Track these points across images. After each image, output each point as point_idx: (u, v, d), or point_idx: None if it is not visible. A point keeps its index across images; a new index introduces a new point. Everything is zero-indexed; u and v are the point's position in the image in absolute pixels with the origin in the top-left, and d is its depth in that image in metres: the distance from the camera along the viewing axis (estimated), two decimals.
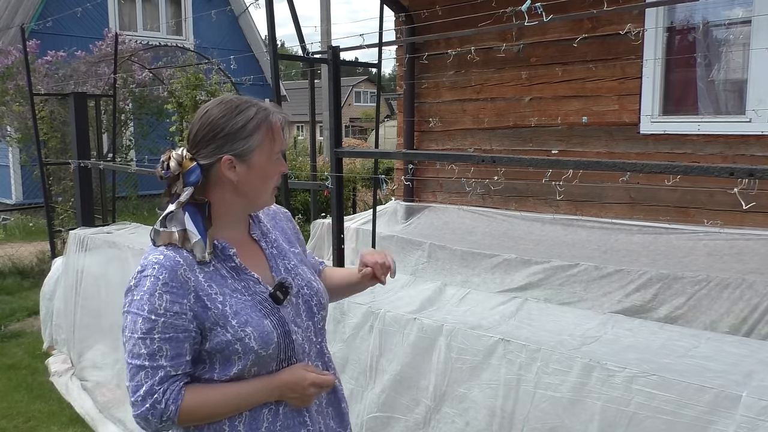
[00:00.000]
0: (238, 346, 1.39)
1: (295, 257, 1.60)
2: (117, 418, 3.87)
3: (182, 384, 1.40)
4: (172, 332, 1.36)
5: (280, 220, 1.68)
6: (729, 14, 4.60)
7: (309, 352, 1.54)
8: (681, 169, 2.40)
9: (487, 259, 4.28)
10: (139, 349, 1.36)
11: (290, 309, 1.50)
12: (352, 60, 6.86)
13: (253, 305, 1.44)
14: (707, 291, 3.55)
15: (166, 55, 10.98)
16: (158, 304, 1.36)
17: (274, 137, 1.46)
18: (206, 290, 1.40)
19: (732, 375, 1.85)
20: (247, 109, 1.44)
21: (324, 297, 1.61)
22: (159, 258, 1.39)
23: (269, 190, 1.51)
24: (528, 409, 2.09)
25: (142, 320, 1.36)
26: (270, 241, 1.58)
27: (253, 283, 1.47)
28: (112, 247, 4.45)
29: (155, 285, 1.36)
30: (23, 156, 10.85)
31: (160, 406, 1.36)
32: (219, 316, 1.40)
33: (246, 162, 1.44)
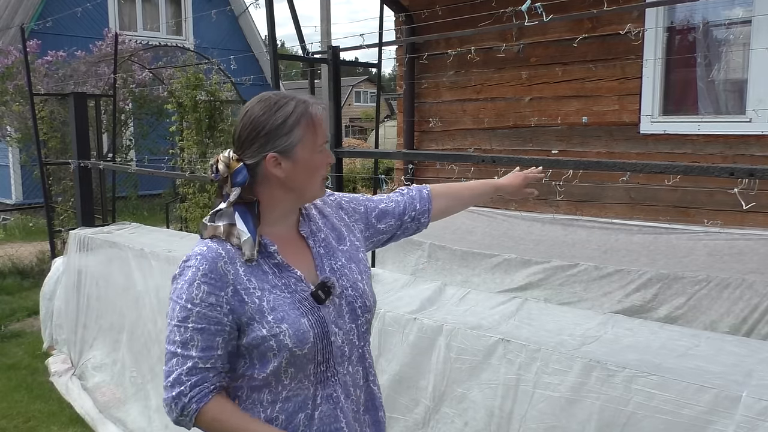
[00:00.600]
0: (272, 342, 1.38)
1: (343, 255, 1.56)
2: (117, 418, 3.87)
3: (213, 387, 1.40)
4: (205, 323, 1.38)
5: (329, 215, 1.63)
6: (729, 14, 4.60)
7: (350, 355, 1.51)
8: (681, 169, 2.40)
9: (487, 259, 4.28)
10: (174, 336, 1.39)
11: (332, 309, 1.47)
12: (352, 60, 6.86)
13: (292, 303, 1.42)
14: (707, 291, 3.55)
15: (166, 55, 10.98)
16: (195, 294, 1.38)
17: (315, 129, 1.46)
18: (245, 284, 1.41)
19: (732, 375, 1.85)
20: (286, 104, 1.45)
21: (370, 299, 1.56)
22: (202, 249, 1.42)
23: (317, 182, 1.50)
24: (526, 408, 2.09)
25: (179, 308, 1.39)
26: (318, 240, 1.55)
27: (295, 281, 1.45)
28: (113, 247, 4.45)
29: (195, 275, 1.39)
30: (23, 156, 10.85)
31: (184, 399, 1.38)
32: (256, 310, 1.39)
33: (290, 157, 1.44)
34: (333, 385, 1.47)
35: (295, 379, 1.43)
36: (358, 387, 1.53)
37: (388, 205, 1.75)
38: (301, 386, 1.44)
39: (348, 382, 1.50)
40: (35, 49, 9.21)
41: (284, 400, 1.43)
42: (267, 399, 1.44)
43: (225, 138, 8.16)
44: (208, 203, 7.91)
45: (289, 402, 1.43)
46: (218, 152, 1.51)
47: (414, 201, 1.78)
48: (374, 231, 1.72)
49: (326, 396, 1.46)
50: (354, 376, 1.52)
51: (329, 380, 1.46)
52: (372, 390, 1.58)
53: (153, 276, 3.93)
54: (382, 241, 1.77)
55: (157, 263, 3.91)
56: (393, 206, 1.75)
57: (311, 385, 1.44)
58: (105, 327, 4.43)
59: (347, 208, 1.68)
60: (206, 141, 8.08)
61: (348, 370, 1.50)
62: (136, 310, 4.03)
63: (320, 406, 1.45)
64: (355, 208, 1.70)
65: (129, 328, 4.11)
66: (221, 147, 8.08)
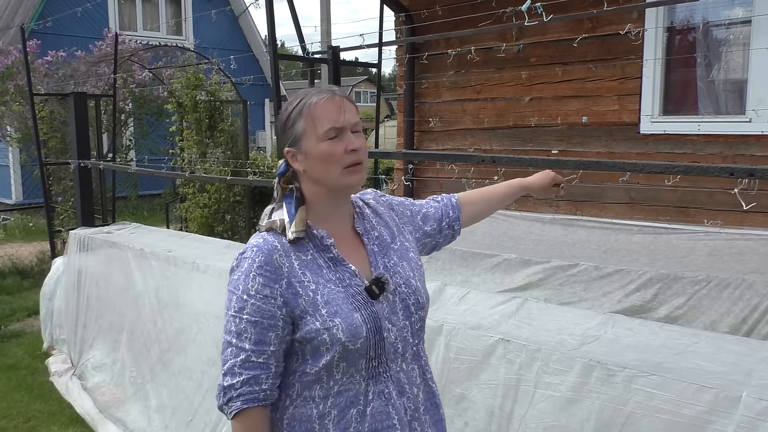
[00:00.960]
0: (325, 336, 1.40)
1: (395, 254, 1.58)
2: (117, 418, 3.87)
3: (263, 395, 1.41)
4: (258, 317, 1.40)
5: (382, 214, 1.65)
6: (729, 14, 4.60)
7: (403, 353, 1.51)
8: (681, 169, 2.40)
9: (487, 259, 4.27)
10: (230, 326, 1.42)
11: (385, 306, 1.48)
12: (352, 60, 6.86)
13: (346, 297, 1.44)
14: (707, 291, 3.54)
15: (166, 55, 10.98)
16: (251, 286, 1.41)
17: (313, 118, 1.46)
18: (299, 277, 1.43)
19: (732, 375, 1.85)
20: (294, 100, 1.50)
21: (423, 296, 1.57)
22: (258, 242, 1.46)
23: (336, 170, 1.46)
24: (526, 408, 2.09)
25: (236, 299, 1.42)
26: (372, 238, 1.57)
27: (350, 276, 1.47)
28: (113, 247, 4.45)
29: (251, 267, 1.42)
30: (23, 156, 10.85)
31: (233, 392, 1.40)
32: (309, 303, 1.41)
33: (300, 150, 1.48)
34: (385, 381, 1.47)
35: (347, 374, 1.44)
36: (414, 385, 1.53)
37: (429, 209, 1.80)
38: (353, 381, 1.44)
39: (402, 380, 1.50)
40: (35, 49, 9.21)
41: (336, 395, 1.44)
42: (319, 395, 1.45)
43: (225, 138, 8.17)
44: (207, 203, 7.92)
45: (341, 397, 1.44)
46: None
47: (447, 208, 1.83)
48: (422, 233, 1.76)
49: (378, 392, 1.46)
50: (409, 374, 1.52)
51: (381, 376, 1.47)
52: (431, 388, 1.58)
53: (153, 276, 3.93)
54: (427, 246, 1.80)
55: (157, 263, 3.91)
56: (433, 211, 1.80)
57: (363, 381, 1.45)
58: (105, 327, 4.43)
59: (397, 210, 1.72)
60: (206, 141, 8.08)
61: (402, 367, 1.50)
62: (135, 310, 4.03)
63: (372, 402, 1.45)
64: (403, 210, 1.74)
65: (129, 328, 4.11)
66: (221, 147, 8.09)
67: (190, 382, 3.45)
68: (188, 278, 3.64)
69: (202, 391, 3.33)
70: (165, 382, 3.67)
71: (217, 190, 7.86)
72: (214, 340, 3.29)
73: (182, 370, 3.54)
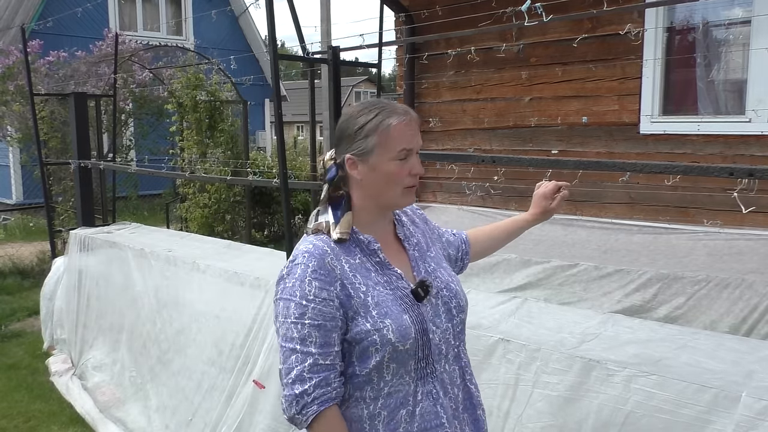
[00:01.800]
0: (376, 336, 1.42)
1: (432, 260, 1.64)
2: (117, 418, 3.87)
3: (335, 393, 1.42)
4: (321, 320, 1.42)
5: (418, 224, 1.72)
6: (729, 14, 4.60)
7: (446, 354, 1.55)
8: (681, 169, 2.40)
9: (487, 259, 4.28)
10: (292, 333, 1.42)
11: (429, 308, 1.52)
12: (352, 60, 6.86)
13: (394, 299, 1.47)
14: (707, 291, 3.55)
15: (166, 55, 10.98)
16: (308, 290, 1.42)
17: (389, 139, 1.49)
18: (351, 279, 1.46)
19: (731, 375, 1.85)
20: (370, 111, 1.51)
21: (463, 299, 1.61)
22: (308, 247, 1.47)
23: (396, 190, 1.52)
24: (523, 408, 2.09)
25: (294, 305, 1.42)
26: (412, 244, 1.63)
27: (396, 279, 1.51)
28: (113, 247, 4.45)
29: (305, 272, 1.44)
30: (23, 156, 10.85)
31: (307, 398, 1.40)
32: (361, 305, 1.44)
33: (366, 162, 1.50)
34: (432, 381, 1.50)
35: (396, 374, 1.46)
36: (455, 386, 1.57)
37: (449, 237, 1.87)
38: (402, 382, 1.47)
39: (446, 380, 1.54)
40: (36, 49, 9.21)
41: (386, 396, 1.47)
42: (369, 396, 1.47)
43: (225, 138, 8.17)
44: (207, 203, 7.92)
45: (391, 398, 1.47)
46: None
47: (459, 242, 1.89)
48: (446, 254, 1.80)
49: (426, 392, 1.49)
50: (451, 375, 1.56)
51: (428, 377, 1.50)
52: (469, 389, 1.61)
53: (153, 276, 3.93)
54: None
55: (157, 263, 3.91)
56: (453, 239, 1.87)
57: (411, 381, 1.48)
58: (105, 327, 4.43)
59: (430, 225, 1.79)
60: (206, 141, 8.09)
61: (445, 368, 1.54)
62: (135, 309, 4.03)
63: (421, 402, 1.48)
64: (434, 228, 1.81)
65: (129, 328, 4.11)
66: (221, 147, 8.09)
67: (189, 382, 3.45)
68: (188, 278, 3.64)
69: (202, 390, 3.33)
70: (165, 382, 3.67)
71: (217, 190, 7.87)
72: (213, 340, 3.29)
73: (182, 370, 3.54)
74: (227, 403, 3.10)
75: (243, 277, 3.26)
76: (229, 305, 3.29)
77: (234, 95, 8.77)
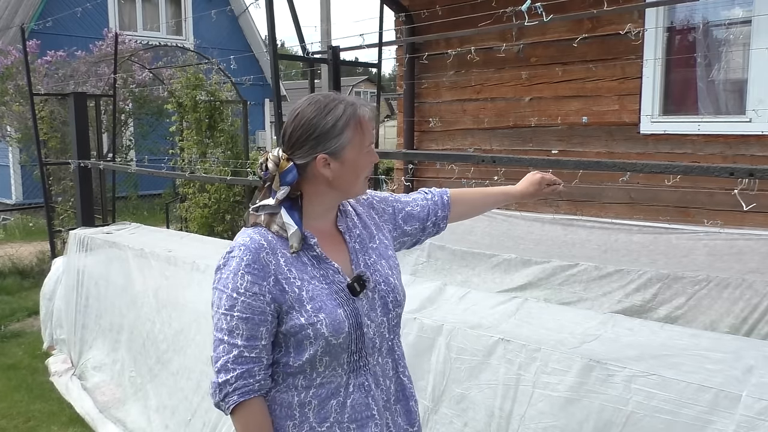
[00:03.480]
0: (310, 330, 1.44)
1: (374, 252, 1.63)
2: (117, 418, 3.87)
3: (257, 386, 1.45)
4: (249, 313, 1.44)
5: (362, 212, 1.70)
6: (729, 14, 4.59)
7: (380, 347, 1.57)
8: (681, 169, 2.40)
9: (487, 259, 4.27)
10: (221, 324, 1.45)
11: (365, 302, 1.54)
12: (352, 60, 6.86)
13: (330, 293, 1.48)
14: (707, 291, 3.54)
15: (166, 55, 10.99)
16: (240, 284, 1.44)
17: (363, 131, 1.52)
18: (285, 274, 1.47)
19: (732, 375, 1.84)
20: (336, 107, 1.50)
21: (401, 294, 1.62)
22: (245, 240, 1.48)
23: (361, 181, 1.57)
24: (525, 408, 2.09)
25: (225, 297, 1.45)
26: (354, 236, 1.62)
27: (333, 273, 1.52)
28: (113, 247, 4.45)
29: (239, 265, 1.45)
30: (23, 156, 10.86)
31: (228, 388, 1.43)
32: (295, 299, 1.46)
33: (339, 158, 1.50)
34: (365, 374, 1.53)
35: (329, 367, 1.49)
36: (387, 378, 1.60)
37: (414, 208, 1.81)
38: (335, 374, 1.50)
39: (378, 373, 1.57)
40: (35, 49, 9.21)
41: (318, 387, 1.50)
42: (301, 384, 1.50)
43: (225, 138, 8.17)
44: (207, 203, 7.92)
45: (323, 388, 1.50)
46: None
47: (437, 207, 1.85)
48: (400, 232, 1.78)
49: (358, 384, 1.52)
50: (384, 367, 1.59)
51: (361, 369, 1.53)
52: (402, 381, 1.63)
53: (153, 276, 3.93)
54: (406, 243, 1.84)
55: (157, 263, 3.91)
56: (418, 210, 1.82)
57: (344, 374, 1.51)
58: (105, 327, 4.43)
59: (378, 208, 1.75)
60: (206, 141, 8.08)
61: (378, 361, 1.57)
62: (135, 309, 4.03)
63: (352, 394, 1.51)
64: (385, 208, 1.76)
65: (129, 328, 4.11)
66: (221, 147, 8.09)
67: (189, 382, 3.44)
68: (188, 278, 3.64)
69: (202, 391, 3.32)
70: (164, 382, 3.67)
71: (217, 190, 7.86)
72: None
73: (182, 370, 3.54)
74: None
75: None
76: None
77: (234, 95, 8.76)
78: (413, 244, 1.85)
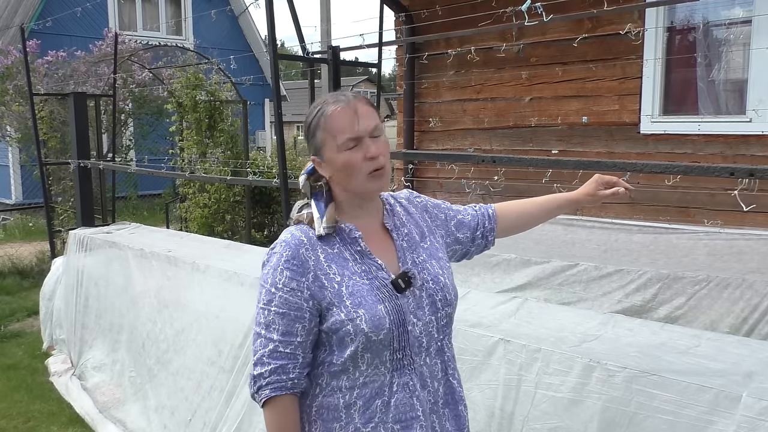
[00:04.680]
0: (349, 326, 1.44)
1: (425, 251, 1.61)
2: (117, 418, 3.87)
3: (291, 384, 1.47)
4: (286, 308, 1.46)
5: (413, 213, 1.68)
6: (729, 14, 4.59)
7: (428, 347, 1.54)
8: (681, 169, 2.40)
9: (487, 259, 4.27)
10: (260, 318, 1.49)
11: (411, 300, 1.51)
12: (352, 60, 6.85)
13: (371, 289, 1.48)
14: (707, 291, 3.54)
15: (165, 55, 10.98)
16: (278, 279, 1.47)
17: (330, 129, 1.49)
18: (325, 270, 1.48)
19: (732, 375, 1.84)
20: (314, 108, 1.53)
21: (451, 293, 1.60)
22: (287, 237, 1.52)
23: (359, 178, 1.49)
24: (528, 409, 2.09)
25: (264, 291, 1.49)
26: (402, 234, 1.61)
27: (376, 269, 1.51)
28: (113, 247, 4.45)
29: (279, 261, 1.48)
30: (23, 156, 10.86)
31: (262, 381, 1.46)
32: (335, 295, 1.46)
33: (324, 159, 1.52)
34: (409, 374, 1.50)
35: (372, 365, 1.48)
36: (436, 380, 1.56)
37: (465, 217, 1.80)
38: (378, 373, 1.48)
39: (425, 373, 1.53)
40: (35, 49, 9.21)
41: (361, 386, 1.48)
42: (345, 385, 1.49)
43: (225, 138, 8.17)
44: (207, 203, 7.92)
45: (366, 388, 1.48)
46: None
47: (484, 218, 1.82)
48: (453, 239, 1.76)
49: (402, 384, 1.49)
50: (432, 368, 1.55)
51: (405, 369, 1.50)
52: (451, 384, 1.60)
53: (152, 276, 3.93)
54: (457, 253, 1.81)
55: (157, 263, 3.91)
56: (469, 219, 1.80)
57: (387, 372, 1.49)
58: (105, 327, 4.42)
59: (431, 212, 1.74)
60: (206, 141, 8.08)
61: (425, 361, 1.54)
62: (135, 310, 4.03)
63: (396, 394, 1.49)
64: (437, 214, 1.75)
65: (128, 328, 4.11)
66: (221, 147, 8.09)
67: (189, 383, 3.44)
68: (188, 278, 3.64)
69: (202, 391, 3.32)
70: (164, 382, 3.67)
71: (217, 190, 7.86)
72: (213, 341, 3.29)
73: (182, 371, 3.54)
74: (227, 403, 3.10)
75: (243, 277, 3.25)
76: (229, 305, 3.29)
77: (234, 95, 8.76)
78: (463, 255, 1.82)
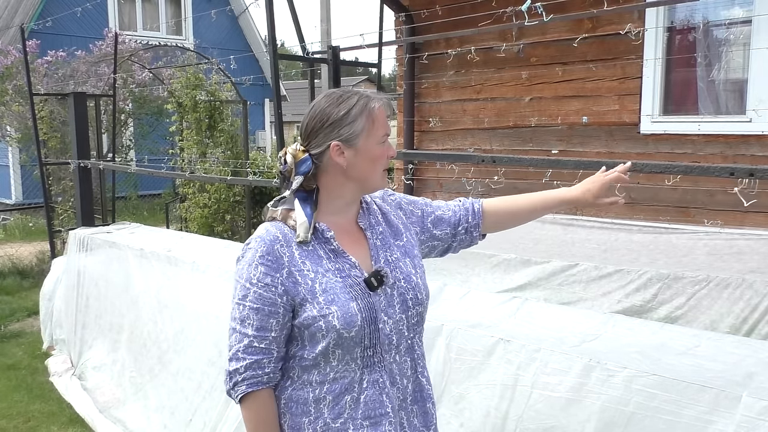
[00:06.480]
0: (321, 323, 1.46)
1: (399, 249, 1.63)
2: (117, 418, 3.87)
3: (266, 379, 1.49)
4: (260, 304, 1.48)
5: (388, 212, 1.69)
6: (729, 14, 4.59)
7: (398, 345, 1.56)
8: (681, 169, 2.40)
9: (487, 259, 4.27)
10: (235, 313, 1.51)
11: (383, 298, 1.54)
12: (352, 60, 6.86)
13: (344, 287, 1.49)
14: (707, 291, 3.54)
15: (165, 55, 10.99)
16: (253, 274, 1.49)
17: (375, 122, 1.53)
18: (299, 266, 1.50)
19: (732, 375, 1.84)
20: (349, 98, 1.54)
21: (422, 292, 1.61)
22: (262, 233, 1.53)
23: (378, 172, 1.57)
24: (522, 409, 2.09)
25: (239, 287, 1.51)
26: (376, 233, 1.62)
27: (349, 267, 1.53)
28: (113, 247, 4.45)
29: (254, 257, 1.50)
30: (23, 156, 10.86)
31: (238, 377, 1.48)
32: (308, 291, 1.48)
33: (353, 147, 1.52)
34: (379, 371, 1.53)
35: (342, 361, 1.50)
36: (405, 377, 1.59)
37: (445, 212, 1.79)
38: (348, 369, 1.50)
39: (395, 371, 1.56)
40: (35, 49, 9.21)
41: (332, 381, 1.51)
42: (316, 379, 1.51)
43: (225, 138, 8.17)
44: (207, 203, 7.91)
45: (336, 383, 1.51)
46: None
47: (467, 213, 1.80)
48: (429, 236, 1.76)
49: (372, 381, 1.52)
50: (401, 366, 1.58)
51: (375, 366, 1.52)
52: (420, 381, 1.62)
53: (153, 276, 3.93)
54: (438, 249, 1.80)
55: (157, 263, 3.91)
56: (450, 215, 1.79)
57: (358, 369, 1.51)
58: (105, 327, 4.43)
59: (406, 209, 1.75)
60: (206, 141, 8.08)
61: (395, 359, 1.56)
62: (135, 310, 4.03)
63: (366, 390, 1.51)
64: (413, 210, 1.76)
65: (128, 328, 4.11)
66: (221, 147, 8.09)
67: (189, 383, 3.44)
68: (188, 278, 3.64)
69: (202, 391, 3.32)
70: (164, 383, 3.67)
71: (217, 190, 7.86)
72: (213, 341, 3.29)
73: (182, 370, 3.54)
74: (227, 403, 3.10)
75: None
76: (229, 305, 3.29)
77: (234, 95, 8.76)
78: (445, 250, 1.81)
